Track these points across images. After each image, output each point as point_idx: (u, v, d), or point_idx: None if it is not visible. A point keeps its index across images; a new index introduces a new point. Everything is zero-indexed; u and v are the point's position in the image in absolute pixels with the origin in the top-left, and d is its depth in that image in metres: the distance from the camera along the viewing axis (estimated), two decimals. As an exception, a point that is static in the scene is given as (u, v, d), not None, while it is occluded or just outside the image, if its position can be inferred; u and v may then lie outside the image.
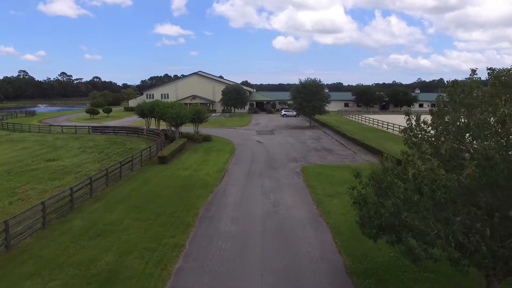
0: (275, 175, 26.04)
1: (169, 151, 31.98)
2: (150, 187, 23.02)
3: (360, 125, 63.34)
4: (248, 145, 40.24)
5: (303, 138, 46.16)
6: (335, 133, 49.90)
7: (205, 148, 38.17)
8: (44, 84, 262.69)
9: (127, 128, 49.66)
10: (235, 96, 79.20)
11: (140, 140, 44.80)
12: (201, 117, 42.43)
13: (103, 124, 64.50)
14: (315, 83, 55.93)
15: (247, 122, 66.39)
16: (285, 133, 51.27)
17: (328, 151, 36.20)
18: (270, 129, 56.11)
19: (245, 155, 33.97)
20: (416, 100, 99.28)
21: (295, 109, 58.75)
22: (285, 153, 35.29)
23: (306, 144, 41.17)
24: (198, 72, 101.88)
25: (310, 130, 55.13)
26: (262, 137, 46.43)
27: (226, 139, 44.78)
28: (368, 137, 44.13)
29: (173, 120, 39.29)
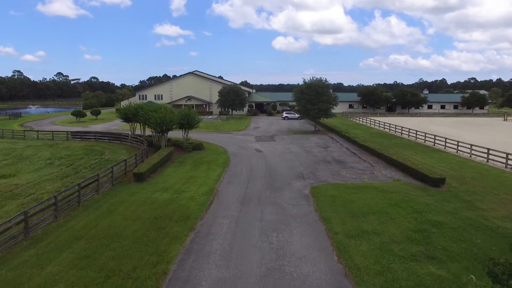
0: (278, 201, 20.32)
1: (149, 165, 26.28)
2: (113, 221, 17.31)
3: (369, 129, 57.68)
4: (245, 155, 34.54)
5: (308, 145, 40.43)
6: (344, 140, 44.20)
7: (194, 159, 32.48)
8: (39, 85, 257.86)
9: (109, 134, 43.99)
10: (233, 97, 73.54)
11: (122, 148, 39.12)
12: (191, 122, 36.74)
13: (88, 128, 58.91)
14: (321, 83, 50.24)
15: (245, 126, 60.65)
16: (287, 139, 45.55)
17: (340, 164, 30.49)
18: (271, 134, 50.39)
19: (241, 169, 28.27)
20: (426, 101, 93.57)
21: (298, 112, 52.90)
22: (288, 166, 29.60)
23: (313, 153, 35.44)
24: (194, 71, 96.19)
25: (315, 135, 49.42)
26: (261, 145, 40.72)
27: (221, 147, 39.07)
28: (383, 145, 38.49)
29: (157, 126, 33.61)
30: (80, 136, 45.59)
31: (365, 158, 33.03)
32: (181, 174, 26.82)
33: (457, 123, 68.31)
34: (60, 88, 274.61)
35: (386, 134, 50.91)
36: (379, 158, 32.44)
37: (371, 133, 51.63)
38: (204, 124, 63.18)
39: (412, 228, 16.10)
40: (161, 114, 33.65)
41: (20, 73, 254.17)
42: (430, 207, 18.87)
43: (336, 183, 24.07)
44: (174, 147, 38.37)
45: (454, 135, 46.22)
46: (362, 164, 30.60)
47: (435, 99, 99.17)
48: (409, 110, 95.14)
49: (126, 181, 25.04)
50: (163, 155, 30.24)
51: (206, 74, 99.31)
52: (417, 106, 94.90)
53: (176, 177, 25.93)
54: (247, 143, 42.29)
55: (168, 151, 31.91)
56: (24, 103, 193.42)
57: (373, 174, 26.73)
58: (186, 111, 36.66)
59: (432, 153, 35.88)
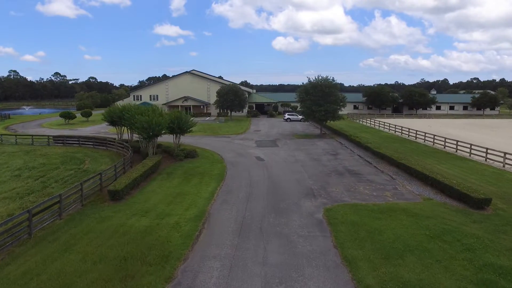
0: (284, 230, 15.99)
1: (128, 179, 21.94)
2: (67, 263, 12.99)
3: (379, 132, 53.32)
4: (245, 164, 30.21)
5: (315, 152, 36.08)
6: (355, 145, 39.84)
7: (185, 169, 28.15)
8: (35, 85, 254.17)
9: (93, 139, 39.64)
10: (232, 97, 69.15)
11: (106, 155, 34.79)
12: (183, 126, 32.40)
13: (76, 131, 54.65)
14: (327, 82, 45.87)
15: (245, 129, 56.29)
16: (291, 144, 41.19)
17: (355, 176, 26.14)
18: (273, 138, 46.04)
19: (239, 184, 23.94)
20: (434, 102, 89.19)
21: (302, 114, 48.48)
22: (295, 178, 25.26)
23: (322, 162, 31.09)
24: (192, 71, 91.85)
25: (322, 140, 45.06)
26: (262, 151, 36.37)
27: (217, 154, 34.74)
28: (398, 151, 34.19)
29: (143, 130, 29.28)
30: (63, 140, 41.26)
31: (383, 168, 28.68)
32: (168, 190, 22.49)
33: (471, 125, 63.94)
34: (57, 88, 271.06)
35: (398, 138, 46.56)
36: (399, 168, 28.10)
37: (382, 137, 47.29)
38: (200, 127, 58.92)
39: (471, 279, 11.76)
40: (147, 118, 29.32)
41: (16, 73, 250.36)
42: (484, 242, 14.52)
43: (355, 203, 19.72)
44: (164, 154, 34.16)
45: (476, 139, 41.88)
46: (380, 176, 26.24)
47: (444, 100, 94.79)
48: (416, 111, 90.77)
49: (100, 200, 20.72)
50: (148, 165, 25.90)
51: (204, 74, 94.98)
52: (424, 107, 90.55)
53: (161, 194, 21.60)
54: (247, 149, 37.95)
55: (155, 161, 27.57)
56: (20, 104, 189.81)
57: (397, 190, 22.38)
58: (177, 113, 32.30)
59: (457, 161, 31.52)
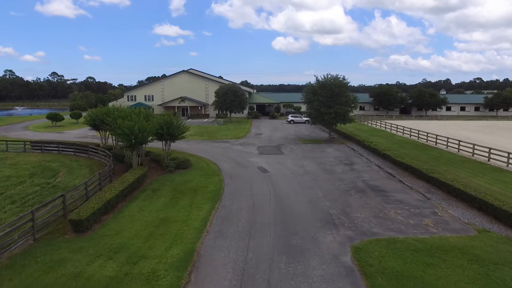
0: (302, 286, 11.36)
1: (99, 203, 17.28)
2: None
3: (392, 136, 48.63)
4: (246, 177, 25.55)
5: (327, 161, 31.43)
6: (370, 152, 35.22)
7: (175, 185, 23.51)
8: (32, 85, 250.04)
9: (75, 145, 34.98)
10: (231, 98, 64.49)
11: (85, 165, 30.16)
12: (174, 132, 27.73)
13: (63, 134, 50.14)
14: (337, 81, 41.22)
15: (245, 132, 51.63)
16: (298, 151, 36.52)
17: (380, 194, 21.49)
18: (277, 143, 41.36)
19: (239, 206, 19.30)
20: (446, 103, 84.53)
21: (309, 116, 43.77)
22: (308, 198, 20.62)
23: (336, 175, 26.43)
24: (189, 69, 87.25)
25: (331, 145, 40.39)
26: (266, 160, 31.72)
27: (213, 163, 30.10)
28: (422, 160, 29.66)
29: (125, 138, 24.63)
30: (41, 147, 36.61)
31: (410, 183, 24.04)
32: (150, 215, 17.84)
33: (490, 128, 59.25)
34: (54, 88, 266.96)
35: (415, 143, 41.88)
36: (430, 183, 23.48)
37: (397, 141, 42.62)
38: (197, 129, 54.30)
39: None
40: (130, 122, 24.66)
41: (12, 73, 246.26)
42: None
43: (391, 237, 15.07)
44: (152, 163, 29.60)
45: (505, 145, 37.24)
46: (410, 194, 21.58)
47: (454, 100, 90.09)
48: (426, 112, 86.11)
49: (61, 231, 16.08)
50: (129, 181, 21.25)
51: (202, 73, 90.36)
52: (434, 108, 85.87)
53: (140, 222, 16.97)
54: (248, 156, 33.28)
55: (137, 175, 22.91)
56: (15, 104, 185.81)
57: (438, 216, 17.73)
58: (167, 117, 27.62)
59: (495, 173, 26.85)
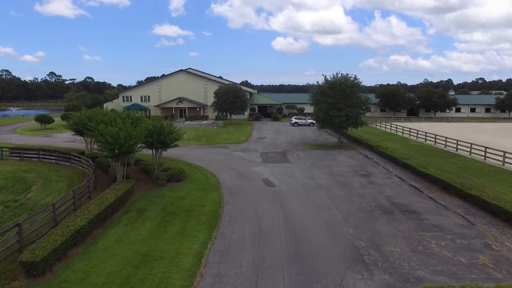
0: None
1: (64, 235, 13.62)
2: None
3: (406, 140, 44.88)
4: (248, 193, 21.87)
5: (340, 171, 27.72)
6: (387, 160, 31.58)
7: (165, 203, 19.83)
8: (29, 85, 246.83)
9: (56, 153, 31.29)
10: (232, 98, 60.84)
11: (65, 175, 26.48)
12: (166, 139, 24.02)
13: (50, 137, 46.59)
14: (348, 80, 37.54)
15: (247, 136, 47.96)
16: (306, 158, 32.84)
17: (412, 217, 17.80)
18: (282, 149, 37.66)
19: (241, 235, 15.62)
20: (456, 104, 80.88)
21: (317, 119, 40.02)
22: (325, 222, 16.94)
23: (354, 189, 22.74)
24: (187, 69, 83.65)
25: (342, 152, 36.70)
26: (271, 169, 28.03)
27: (211, 174, 26.42)
28: (447, 170, 26.11)
29: (108, 147, 20.95)
30: (19, 153, 32.95)
31: (442, 200, 20.37)
32: (129, 250, 14.16)
33: (508, 131, 55.53)
34: (52, 88, 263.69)
35: (434, 149, 38.15)
36: (466, 201, 19.82)
37: (413, 147, 38.91)
38: (195, 133, 50.64)
39: None
40: (114, 129, 20.97)
41: (9, 73, 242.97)
42: None
43: (443, 286, 11.39)
44: (142, 174, 26.03)
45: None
46: (448, 217, 17.88)
47: (464, 101, 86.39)
48: (435, 114, 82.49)
49: (10, 275, 12.41)
50: (109, 201, 17.55)
51: (200, 72, 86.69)
52: (443, 109, 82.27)
53: (116, 260, 13.30)
54: (250, 165, 29.59)
55: (120, 192, 19.20)
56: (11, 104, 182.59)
57: (495, 252, 14.04)
58: (158, 123, 23.88)
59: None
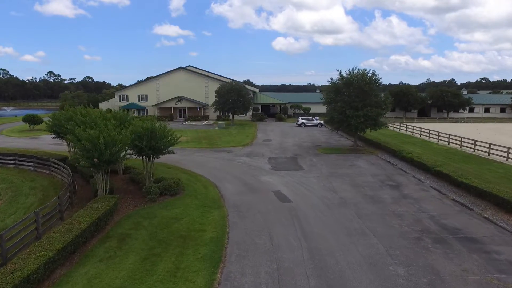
0: None
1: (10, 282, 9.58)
2: None
3: (427, 143, 40.66)
4: (259, 211, 17.77)
5: (363, 181, 23.60)
6: (412, 167, 27.52)
7: (156, 226, 15.76)
8: (27, 84, 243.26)
9: (34, 158, 27.19)
10: (234, 97, 56.78)
11: (40, 187, 22.42)
12: (158, 144, 19.91)
13: (37, 139, 42.64)
14: (366, 76, 33.41)
15: (251, 138, 43.88)
16: (320, 164, 28.74)
17: (473, 247, 13.71)
18: (291, 153, 33.57)
19: (255, 276, 11.52)
20: (470, 103, 76.73)
21: (331, 121, 35.85)
22: (364, 258, 12.85)
23: (386, 205, 18.64)
24: (187, 66, 79.61)
25: (360, 156, 32.59)
26: (282, 179, 23.94)
27: (212, 185, 22.33)
28: (487, 180, 22.01)
29: (84, 154, 16.89)
30: (-6, 159, 28.90)
31: (504, 222, 16.27)
32: (99, 304, 10.09)
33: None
34: (50, 88, 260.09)
35: (462, 153, 33.98)
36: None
37: (438, 151, 34.74)
38: (194, 134, 46.59)
39: None
40: (93, 132, 16.89)
41: (6, 72, 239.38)
42: None
43: None
44: (130, 184, 22.07)
45: None
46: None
47: (478, 101, 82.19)
48: (448, 114, 78.36)
49: None
50: (81, 228, 13.44)
51: (201, 70, 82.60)
52: (456, 109, 78.16)
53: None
54: (258, 174, 25.50)
55: (98, 214, 15.08)
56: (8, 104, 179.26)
57: None
58: (147, 124, 19.75)
59: None
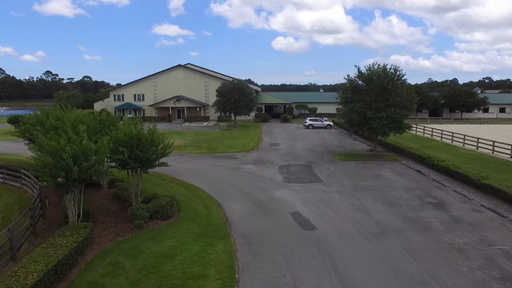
0: None
1: None
2: None
3: (452, 148, 36.43)
4: (276, 245, 13.60)
5: (398, 198, 19.44)
6: (447, 177, 23.41)
7: (139, 271, 11.59)
8: (24, 84, 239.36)
9: (3, 168, 23.01)
10: (237, 97, 52.63)
11: (5, 205, 18.33)
12: (147, 155, 15.70)
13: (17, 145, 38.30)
14: (388, 73, 29.25)
15: (256, 142, 39.75)
16: (340, 174, 24.57)
17: None
18: (304, 160, 29.43)
19: None
20: (485, 103, 72.62)
21: (349, 123, 31.62)
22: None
23: (439, 235, 14.46)
24: (186, 64, 75.41)
25: (383, 164, 28.43)
26: (299, 194, 19.78)
27: (215, 204, 18.17)
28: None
29: (46, 172, 12.77)
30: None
31: None
32: None
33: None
34: (48, 88, 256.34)
35: (498, 160, 29.76)
36: None
37: (468, 157, 30.54)
38: (194, 137, 42.48)
39: None
40: (57, 143, 12.75)
41: (2, 71, 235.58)
42: None
43: None
44: (115, 202, 18.05)
45: None
46: None
47: (493, 101, 78.02)
48: (462, 114, 74.26)
49: None
50: (28, 284, 9.34)
51: (201, 68, 78.40)
52: (469, 109, 74.04)
53: None
54: (269, 187, 21.37)
55: (62, 253, 10.98)
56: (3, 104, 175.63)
57: None
58: (132, 129, 15.55)
59: None
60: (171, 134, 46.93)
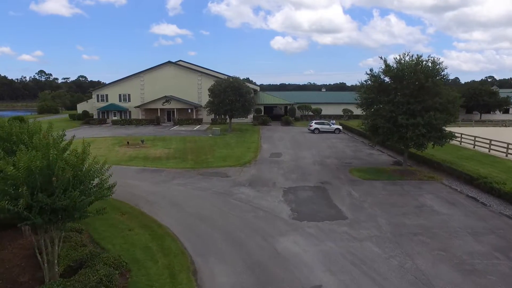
0: None
1: None
2: None
3: (494, 159, 29.65)
4: None
5: (467, 252, 12.77)
6: None
7: None
8: (15, 84, 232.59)
9: None
10: (232, 97, 45.77)
11: None
12: (64, 204, 9.02)
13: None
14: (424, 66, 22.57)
15: (255, 151, 33.04)
16: (369, 206, 17.86)
17: None
18: (315, 179, 22.69)
19: None
20: (508, 103, 66.10)
21: (372, 129, 24.72)
22: None
23: None
24: (178, 61, 68.68)
25: (418, 184, 21.71)
26: (318, 250, 13.08)
27: (187, 263, 11.41)
28: None
29: None
30: None
31: None
32: None
33: None
34: (41, 87, 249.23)
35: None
36: None
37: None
38: (180, 145, 35.68)
39: None
40: None
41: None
42: None
43: None
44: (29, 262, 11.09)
45: None
46: None
47: (511, 100, 71.56)
48: (481, 116, 67.68)
49: None
50: None
51: (193, 65, 71.65)
52: (491, 110, 67.54)
53: None
54: (272, 231, 14.68)
55: None
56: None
57: None
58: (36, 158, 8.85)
59: None
60: (155, 140, 40.20)
